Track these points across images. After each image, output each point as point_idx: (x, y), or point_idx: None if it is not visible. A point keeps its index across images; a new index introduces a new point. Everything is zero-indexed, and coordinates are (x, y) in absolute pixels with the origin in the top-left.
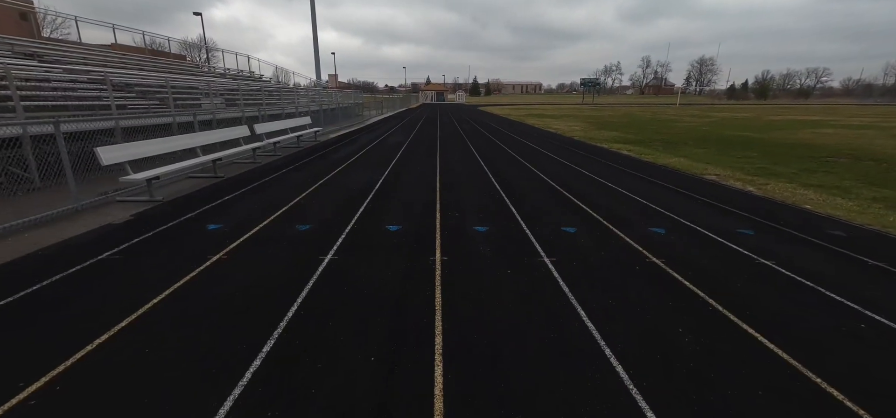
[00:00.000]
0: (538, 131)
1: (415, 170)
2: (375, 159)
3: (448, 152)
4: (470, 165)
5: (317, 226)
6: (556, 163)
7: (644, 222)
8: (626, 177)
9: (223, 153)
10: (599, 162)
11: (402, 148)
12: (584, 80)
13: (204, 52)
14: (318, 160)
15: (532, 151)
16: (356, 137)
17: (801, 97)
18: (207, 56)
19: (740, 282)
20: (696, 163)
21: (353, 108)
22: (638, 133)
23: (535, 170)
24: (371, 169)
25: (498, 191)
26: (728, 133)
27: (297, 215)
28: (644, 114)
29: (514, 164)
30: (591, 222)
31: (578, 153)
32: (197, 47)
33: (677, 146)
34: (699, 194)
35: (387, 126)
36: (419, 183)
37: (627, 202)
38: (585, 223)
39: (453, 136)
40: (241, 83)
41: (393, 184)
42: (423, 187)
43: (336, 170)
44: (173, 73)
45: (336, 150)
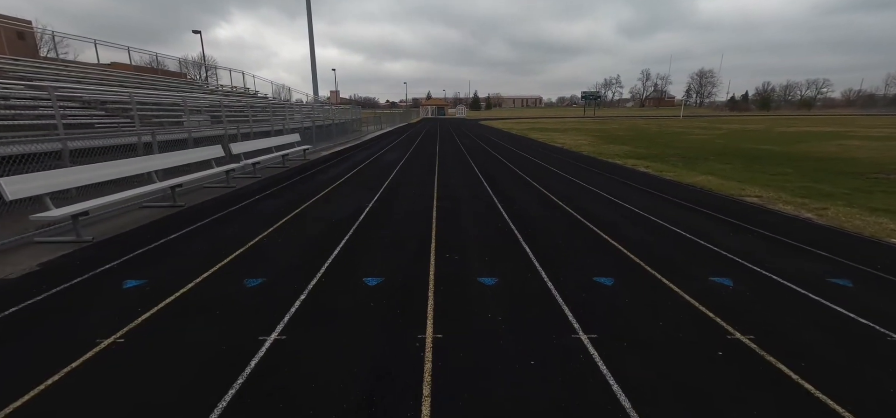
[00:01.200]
0: (543, 146)
1: (409, 194)
2: (367, 180)
3: (447, 171)
4: (472, 187)
5: (273, 278)
6: (569, 183)
7: (698, 267)
8: (653, 201)
9: (186, 178)
10: (617, 181)
11: (398, 166)
12: (584, 94)
13: (203, 69)
14: (302, 182)
15: (539, 169)
16: (350, 155)
17: (804, 108)
18: (205, 73)
19: (888, 377)
20: (727, 182)
21: (350, 124)
22: (649, 147)
23: (546, 193)
24: (360, 192)
25: (506, 221)
26: (746, 146)
27: (251, 262)
28: (650, 127)
29: (521, 185)
30: (630, 268)
31: (591, 171)
32: (196, 65)
33: (697, 162)
34: (749, 223)
35: (384, 142)
36: (413, 210)
37: (665, 235)
38: (622, 269)
39: (453, 153)
40: (224, 98)
41: (382, 212)
42: (416, 216)
43: (319, 194)
44: (141, 87)
45: (325, 170)
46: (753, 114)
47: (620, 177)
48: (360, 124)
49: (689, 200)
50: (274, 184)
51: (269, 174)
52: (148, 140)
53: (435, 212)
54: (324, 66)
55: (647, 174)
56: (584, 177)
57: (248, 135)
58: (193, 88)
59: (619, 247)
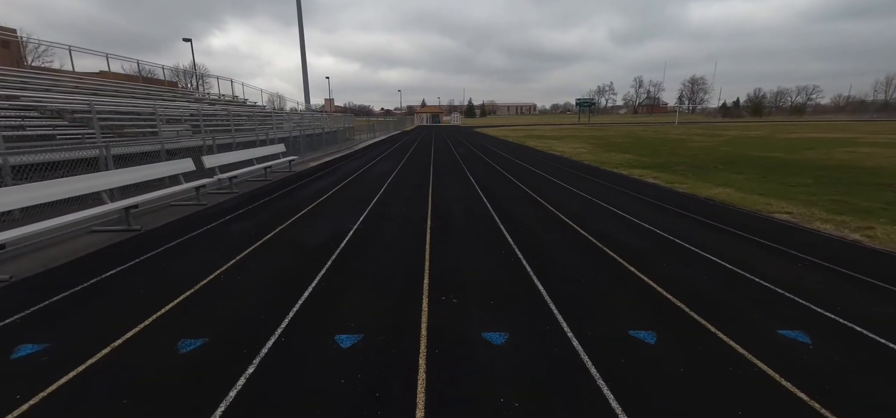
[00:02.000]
0: (542, 155)
1: (400, 213)
2: (354, 195)
3: (443, 184)
4: (470, 203)
5: (218, 338)
6: (575, 197)
7: (756, 312)
8: (675, 220)
9: (145, 197)
10: (628, 195)
11: (389, 178)
12: (579, 101)
13: (194, 78)
14: (282, 198)
15: (541, 181)
16: (339, 166)
17: (796, 114)
18: (197, 82)
19: None
20: (748, 195)
21: (342, 133)
22: (653, 155)
23: (553, 210)
24: (344, 211)
25: (511, 247)
26: (754, 154)
27: (196, 311)
28: (647, 134)
29: (523, 201)
30: (672, 314)
31: (597, 183)
32: (187, 74)
33: (708, 171)
34: (792, 247)
35: (377, 151)
36: (403, 234)
37: (700, 265)
38: (663, 316)
39: (449, 163)
40: (202, 106)
41: (367, 236)
42: (407, 241)
43: (298, 213)
44: (115, 95)
45: (310, 184)
46: (748, 120)
47: (630, 189)
48: (353, 133)
49: (713, 217)
50: (250, 200)
51: (248, 189)
52: (122, 151)
53: (429, 236)
54: (319, 75)
55: (657, 186)
56: (591, 189)
57: (229, 146)
58: (174, 96)
59: (650, 283)
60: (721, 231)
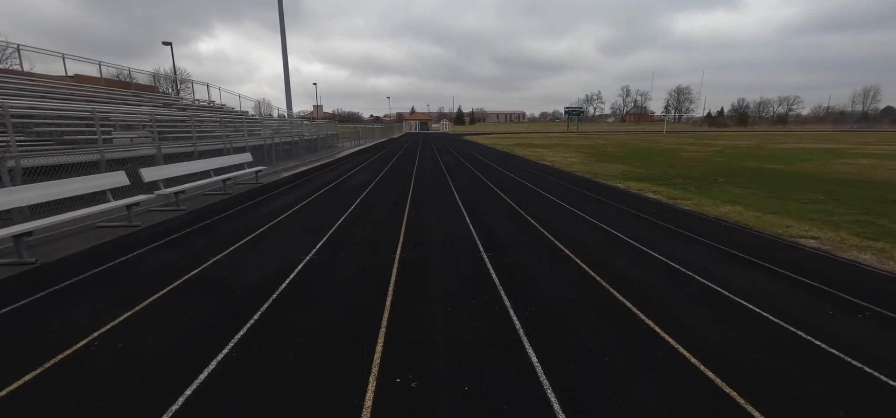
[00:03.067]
0: (532, 165)
1: (365, 239)
2: (319, 214)
3: (422, 200)
4: (450, 225)
5: None
6: (571, 217)
7: (842, 403)
8: (688, 249)
9: (47, 221)
10: (630, 215)
11: (363, 193)
12: (567, 109)
13: (176, 83)
14: (233, 218)
15: (532, 197)
16: (313, 177)
17: (779, 124)
18: (176, 86)
19: None
20: (761, 215)
21: (324, 140)
22: (647, 166)
23: (547, 235)
24: (301, 235)
25: (497, 294)
26: (752, 165)
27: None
28: (638, 143)
29: (513, 222)
30: (728, 411)
31: (593, 198)
32: (168, 79)
33: (709, 185)
34: (837, 287)
35: (358, 160)
36: (363, 270)
37: (747, 326)
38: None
39: (433, 174)
40: (159, 110)
41: (316, 276)
42: (365, 283)
43: (244, 239)
44: (41, 96)
45: (273, 199)
46: (734, 129)
47: (630, 206)
48: (337, 140)
49: (732, 244)
50: (195, 220)
51: (200, 205)
52: (50, 162)
53: (394, 275)
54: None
55: (660, 203)
56: (587, 206)
57: (190, 155)
58: (124, 98)
59: (685, 354)
60: (745, 263)
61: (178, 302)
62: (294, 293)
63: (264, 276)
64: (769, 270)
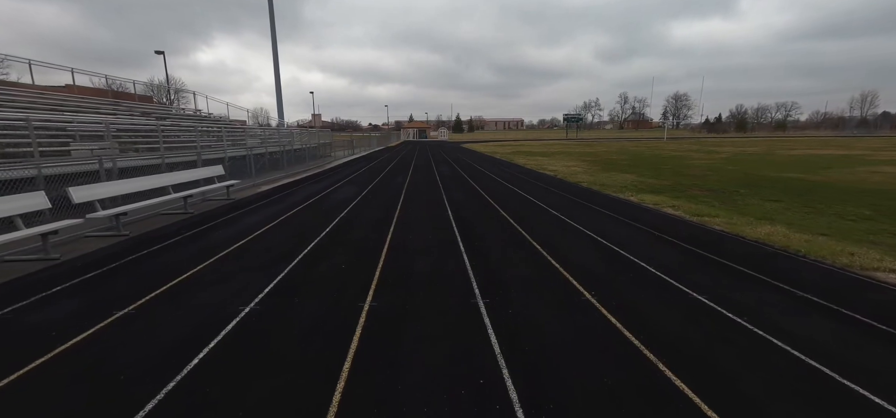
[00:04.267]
0: (533, 175)
1: (331, 277)
2: (282, 241)
3: (411, 220)
4: (440, 254)
5: None
6: (586, 242)
7: None
8: (742, 288)
9: None
10: (653, 237)
11: (345, 211)
12: (566, 116)
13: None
14: (179, 246)
15: (537, 214)
16: (294, 190)
17: (779, 130)
18: (169, 95)
19: None
20: (812, 237)
21: (315, 150)
22: (657, 175)
23: (558, 268)
24: (251, 272)
25: (501, 381)
26: (770, 174)
27: None
28: (640, 150)
29: (517, 249)
30: None
31: (605, 216)
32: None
33: (732, 198)
34: None
35: (348, 170)
36: (316, 332)
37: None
38: None
39: (426, 186)
40: (119, 119)
41: (248, 344)
42: (314, 357)
43: (175, 280)
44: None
45: (238, 219)
46: (734, 135)
47: (652, 226)
48: (330, 149)
49: (792, 281)
50: (128, 251)
51: (150, 228)
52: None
53: (355, 345)
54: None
55: (684, 221)
56: (602, 227)
57: (157, 168)
58: (78, 106)
59: None
60: (821, 312)
61: (20, 400)
62: (205, 377)
63: (170, 349)
64: (859, 324)
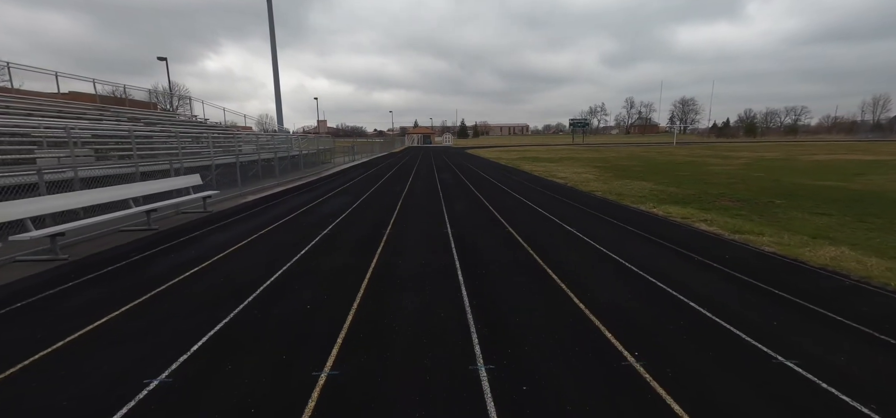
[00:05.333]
0: (542, 183)
1: (290, 324)
2: (244, 268)
3: (403, 241)
4: (435, 288)
5: None
6: (613, 270)
7: None
8: (826, 339)
9: None
10: (691, 261)
11: (330, 226)
12: (572, 121)
13: (176, 99)
14: (121, 274)
15: (549, 230)
16: (281, 201)
17: (790, 134)
18: (171, 102)
19: None
20: (891, 265)
21: (312, 156)
22: (677, 183)
23: (588, 315)
24: (177, 323)
25: None
26: (803, 182)
27: None
28: (650, 155)
29: (530, 284)
30: None
31: (630, 233)
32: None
33: (770, 210)
34: None
35: (344, 178)
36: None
37: None
38: None
39: (426, 196)
40: (82, 122)
41: None
42: None
43: (76, 333)
44: None
45: (205, 237)
46: (745, 140)
47: (683, 245)
48: (331, 155)
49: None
50: (54, 282)
51: (99, 248)
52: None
53: None
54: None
55: (722, 239)
56: (628, 248)
57: (131, 177)
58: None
59: None
60: None
61: None
62: None
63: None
64: None
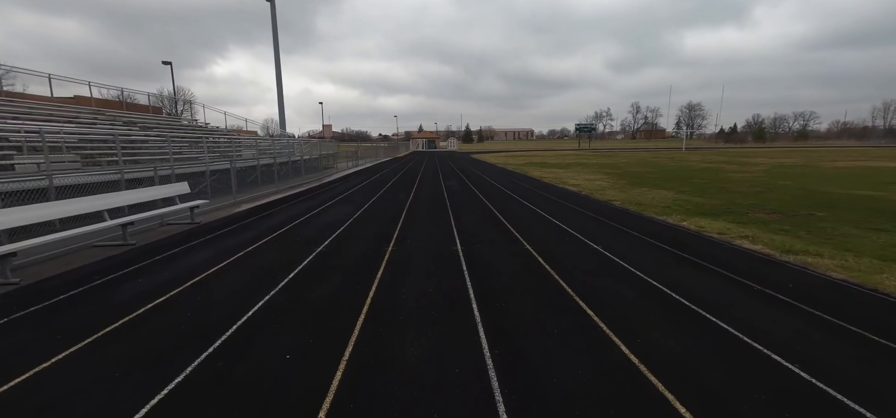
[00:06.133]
0: (553, 190)
1: (253, 400)
2: (220, 299)
3: (408, 260)
4: (442, 332)
5: None
6: (663, 305)
7: None
8: None
9: None
10: (748, 291)
11: (327, 241)
12: (578, 126)
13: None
14: (75, 305)
15: (574, 247)
16: (277, 210)
17: (800, 140)
18: (175, 106)
19: None
20: None
21: (314, 162)
22: (700, 192)
23: (637, 364)
24: (139, 377)
25: None
26: (836, 191)
27: None
28: (662, 161)
29: (555, 309)
30: None
31: (666, 252)
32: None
33: (814, 224)
34: None
35: (347, 185)
36: None
37: None
38: None
39: (432, 205)
40: (55, 125)
41: None
42: None
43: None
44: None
45: (184, 255)
46: (754, 146)
47: (735, 270)
48: (334, 161)
49: None
50: (19, 303)
51: (58, 270)
52: None
53: None
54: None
55: (777, 262)
56: (670, 273)
57: (114, 185)
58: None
59: None
60: None
61: None
62: None
63: None
64: None
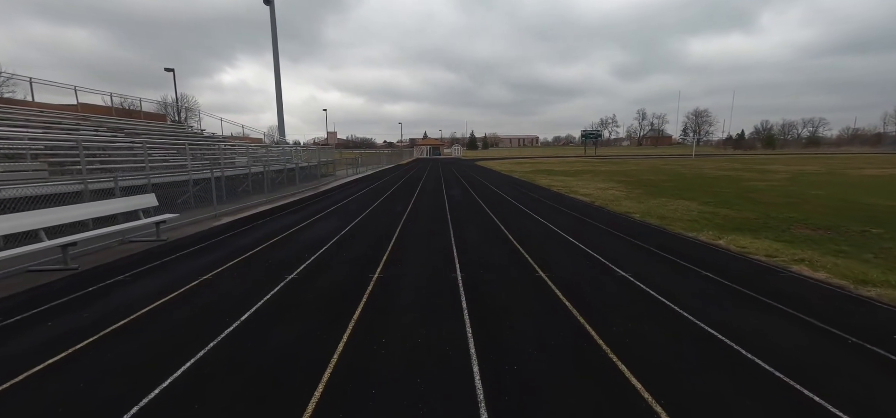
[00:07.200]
0: (564, 201)
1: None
2: (159, 341)
3: (397, 293)
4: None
5: None
6: (735, 368)
7: None
8: None
9: None
10: (842, 346)
11: (301, 267)
12: (584, 132)
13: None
14: None
15: (596, 272)
16: (259, 224)
17: (812, 146)
18: (178, 114)
19: None
20: None
21: (311, 169)
22: (727, 204)
23: None
24: None
25: None
26: (880, 202)
27: None
28: (673, 168)
29: (583, 371)
30: None
31: (714, 283)
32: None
33: (875, 242)
34: None
35: (342, 194)
36: None
37: None
38: None
39: (432, 218)
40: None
41: None
42: None
43: None
44: None
45: (133, 282)
46: (766, 153)
47: (811, 312)
48: (333, 168)
49: None
50: None
51: None
52: None
53: None
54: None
55: (852, 296)
56: (722, 316)
57: (78, 196)
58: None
59: None
60: None
61: None
62: None
63: None
64: None
